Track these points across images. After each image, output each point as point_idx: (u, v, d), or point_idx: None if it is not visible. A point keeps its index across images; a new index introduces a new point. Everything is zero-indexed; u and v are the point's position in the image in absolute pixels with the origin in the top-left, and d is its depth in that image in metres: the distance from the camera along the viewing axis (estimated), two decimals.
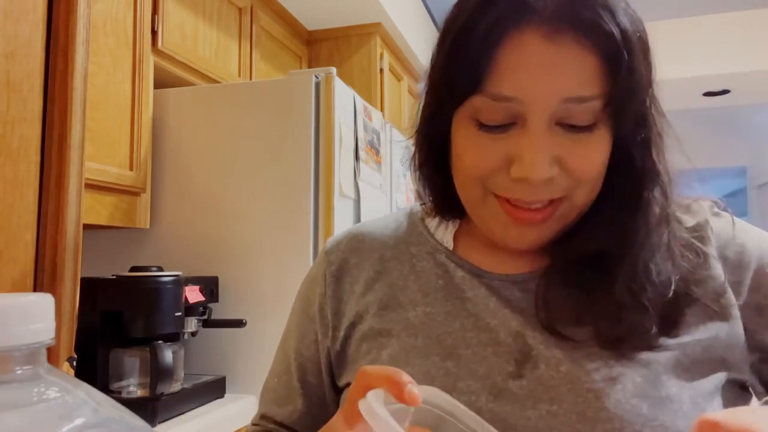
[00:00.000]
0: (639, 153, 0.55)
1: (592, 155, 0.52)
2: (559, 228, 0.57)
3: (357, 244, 0.69)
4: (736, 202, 8.71)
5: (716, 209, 0.62)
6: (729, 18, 3.68)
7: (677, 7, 3.62)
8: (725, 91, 4.13)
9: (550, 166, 0.51)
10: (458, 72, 0.53)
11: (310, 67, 2.71)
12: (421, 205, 0.69)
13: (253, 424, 0.71)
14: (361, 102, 1.88)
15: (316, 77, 1.68)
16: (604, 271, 0.54)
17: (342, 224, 1.67)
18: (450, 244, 0.64)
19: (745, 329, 0.56)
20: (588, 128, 0.52)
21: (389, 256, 0.66)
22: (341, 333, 0.64)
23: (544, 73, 0.49)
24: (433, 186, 0.64)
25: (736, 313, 0.56)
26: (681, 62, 3.76)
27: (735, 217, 0.61)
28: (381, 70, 2.72)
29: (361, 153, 1.84)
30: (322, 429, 0.54)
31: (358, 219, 1.82)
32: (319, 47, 2.74)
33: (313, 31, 2.72)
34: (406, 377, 0.40)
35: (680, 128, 0.57)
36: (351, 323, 0.63)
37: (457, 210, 0.62)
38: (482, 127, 0.53)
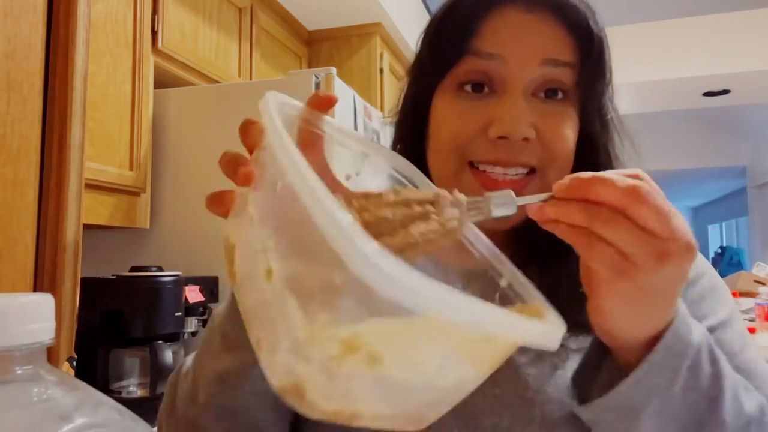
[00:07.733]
0: (599, 142, 0.59)
1: (564, 129, 0.56)
2: None
3: None
4: (736, 202, 8.69)
5: None
6: (729, 18, 3.68)
7: (678, 6, 3.62)
8: (725, 91, 4.14)
9: (528, 127, 0.54)
10: (445, 41, 0.58)
11: (310, 67, 2.71)
12: None
13: None
14: (361, 102, 1.88)
15: (316, 77, 1.68)
16: (567, 258, 0.54)
17: None
18: None
19: None
20: (560, 100, 0.56)
21: None
22: None
23: (524, 35, 0.55)
24: None
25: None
26: (681, 62, 3.77)
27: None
28: (381, 70, 2.72)
29: None
30: None
31: None
32: (319, 47, 2.73)
33: (313, 31, 2.72)
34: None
35: (680, 128, 0.57)
36: None
37: None
38: (464, 93, 0.57)
